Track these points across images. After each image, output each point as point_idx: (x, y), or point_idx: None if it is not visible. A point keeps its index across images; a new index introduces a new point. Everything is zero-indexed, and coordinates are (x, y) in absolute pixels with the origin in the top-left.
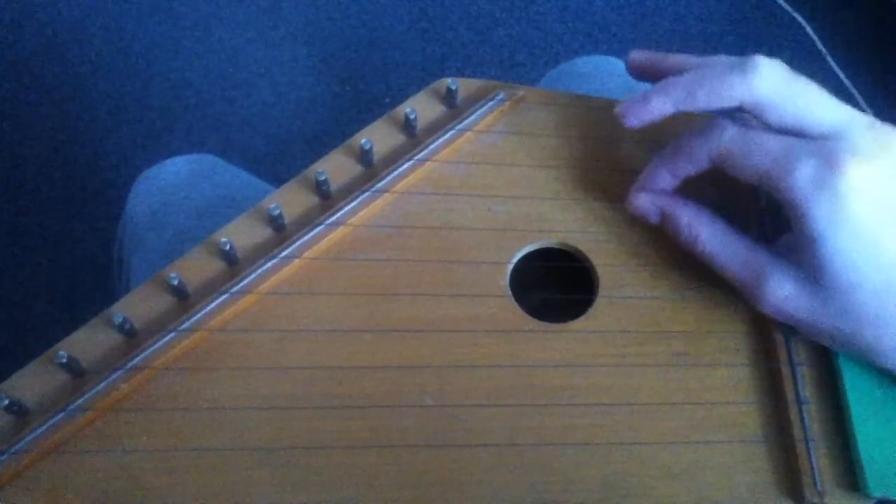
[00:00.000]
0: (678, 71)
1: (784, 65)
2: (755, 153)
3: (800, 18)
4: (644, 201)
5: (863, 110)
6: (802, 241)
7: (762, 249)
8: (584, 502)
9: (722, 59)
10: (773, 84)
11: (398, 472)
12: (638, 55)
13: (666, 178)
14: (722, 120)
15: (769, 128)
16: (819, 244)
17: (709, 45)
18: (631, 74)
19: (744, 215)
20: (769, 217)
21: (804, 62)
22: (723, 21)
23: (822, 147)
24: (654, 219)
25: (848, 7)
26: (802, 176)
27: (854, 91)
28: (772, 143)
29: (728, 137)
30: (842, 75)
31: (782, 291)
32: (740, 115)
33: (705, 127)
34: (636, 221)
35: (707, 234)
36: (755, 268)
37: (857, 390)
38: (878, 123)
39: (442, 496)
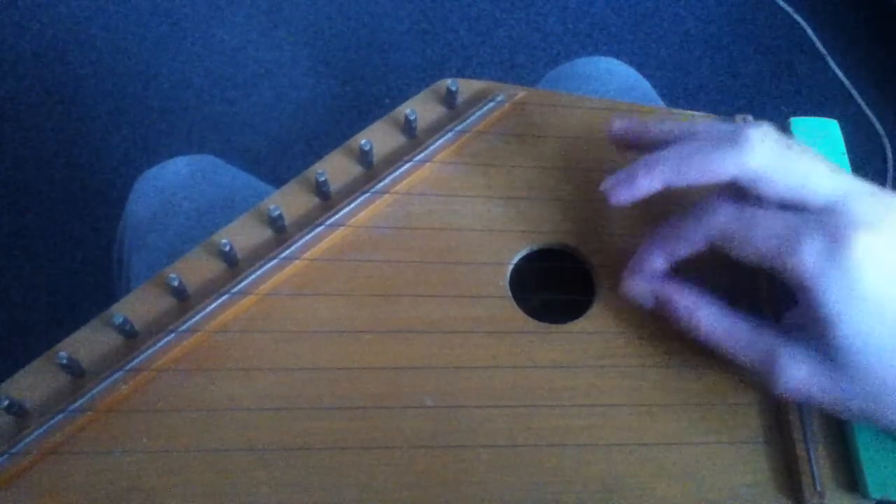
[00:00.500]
0: (662, 141)
1: (775, 133)
2: (755, 234)
3: (799, 19)
4: (637, 287)
5: (862, 112)
6: (815, 320)
7: (769, 330)
8: (584, 502)
9: (710, 129)
10: (765, 157)
11: (398, 472)
12: (618, 126)
13: (659, 261)
14: (717, 200)
15: (766, 202)
16: (834, 325)
17: (708, 45)
18: (612, 143)
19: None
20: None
21: (804, 63)
22: (722, 22)
23: (826, 222)
24: (648, 304)
25: (848, 8)
26: (809, 255)
27: (854, 92)
28: (772, 222)
29: (725, 219)
30: (842, 76)
31: (798, 374)
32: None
33: (699, 207)
34: (636, 223)
35: (708, 320)
36: (764, 351)
37: None
38: (877, 190)
39: (442, 497)
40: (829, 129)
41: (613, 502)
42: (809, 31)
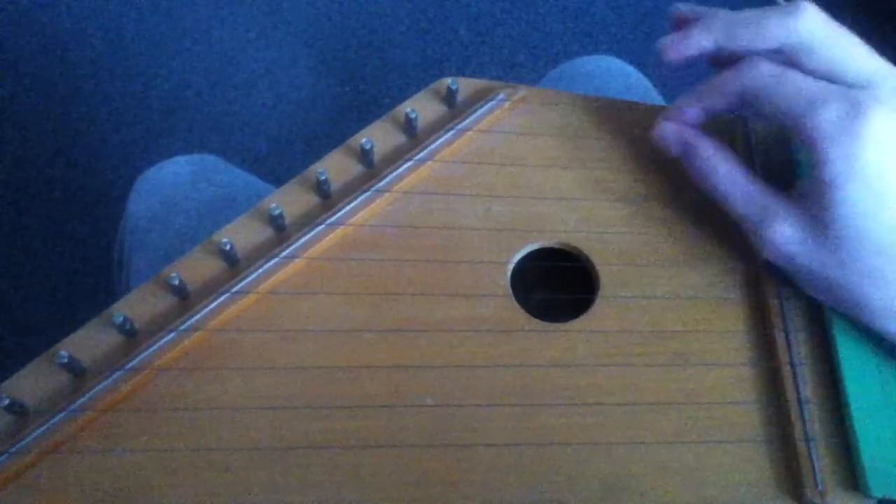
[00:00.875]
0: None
1: (826, 14)
2: (785, 92)
3: None
4: (669, 131)
5: None
6: (815, 185)
7: (774, 193)
8: (585, 502)
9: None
10: (813, 27)
11: (399, 472)
12: (682, 6)
13: (694, 112)
14: (757, 57)
15: (804, 70)
16: (831, 189)
17: None
18: (672, 27)
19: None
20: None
21: None
22: None
23: (851, 94)
24: (675, 148)
25: (844, 7)
26: (827, 118)
27: None
28: (803, 84)
29: (762, 73)
30: None
31: (787, 233)
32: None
33: (738, 64)
34: (637, 221)
35: (724, 171)
36: (763, 208)
37: (859, 390)
38: None
39: (442, 496)
40: None
41: (614, 501)
42: None
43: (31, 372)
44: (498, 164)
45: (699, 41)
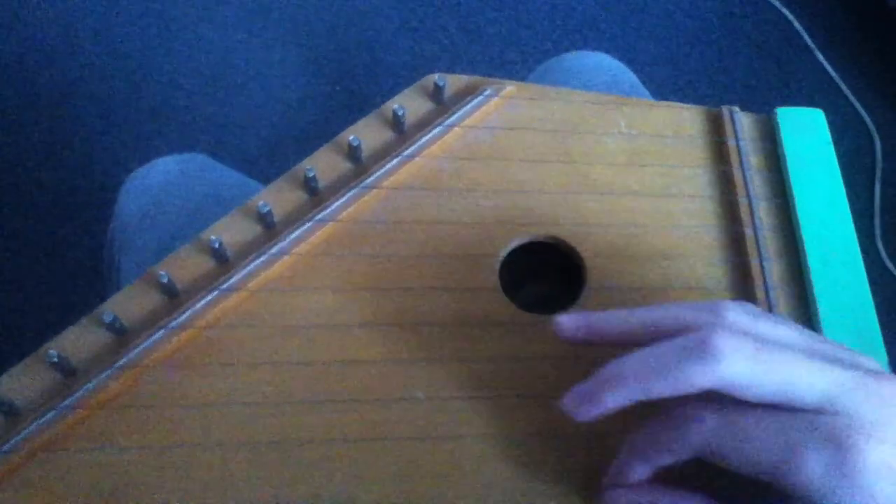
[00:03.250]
0: (622, 341)
1: (748, 319)
2: (748, 446)
3: (788, 14)
4: (620, 499)
5: (851, 105)
6: None
7: None
8: (575, 492)
9: (673, 320)
10: (739, 365)
11: (390, 465)
12: (567, 325)
13: (641, 471)
14: (697, 408)
15: (751, 406)
16: None
17: (697, 40)
18: (564, 341)
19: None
20: None
21: (792, 57)
22: (711, 17)
23: (826, 429)
24: None
25: (835, 2)
26: (815, 469)
27: (842, 85)
28: (765, 432)
29: (710, 430)
30: (830, 70)
31: None
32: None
33: (678, 415)
34: (624, 214)
35: None
36: None
37: None
38: (874, 380)
39: (434, 489)
40: (815, 118)
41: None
42: (797, 25)
43: (21, 371)
44: (486, 159)
45: (610, 403)
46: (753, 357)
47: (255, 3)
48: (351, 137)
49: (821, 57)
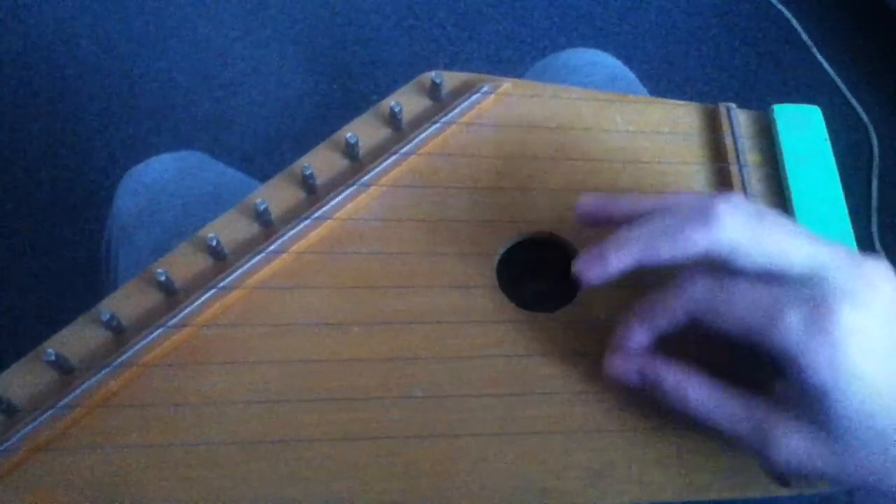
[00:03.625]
0: (632, 216)
1: (746, 203)
2: (735, 306)
3: (786, 11)
4: (620, 366)
5: (848, 102)
6: (805, 393)
7: (760, 403)
8: (574, 489)
9: (679, 202)
10: (737, 231)
11: (389, 463)
12: (586, 203)
13: (640, 337)
14: (693, 272)
15: (742, 273)
16: (823, 395)
17: (694, 37)
18: (581, 223)
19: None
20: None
21: (789, 54)
22: (709, 14)
23: (808, 293)
24: (633, 383)
25: (841, 7)
26: (792, 327)
27: (840, 83)
28: (751, 294)
29: (702, 291)
30: (827, 66)
31: (794, 449)
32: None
33: (676, 281)
34: None
35: (696, 396)
36: (758, 425)
37: None
38: (857, 257)
39: (432, 486)
40: (811, 115)
41: (602, 488)
42: (794, 22)
43: (18, 370)
44: (483, 156)
45: (618, 264)
46: (749, 225)
47: (251, 1)
48: (348, 135)
49: (818, 54)
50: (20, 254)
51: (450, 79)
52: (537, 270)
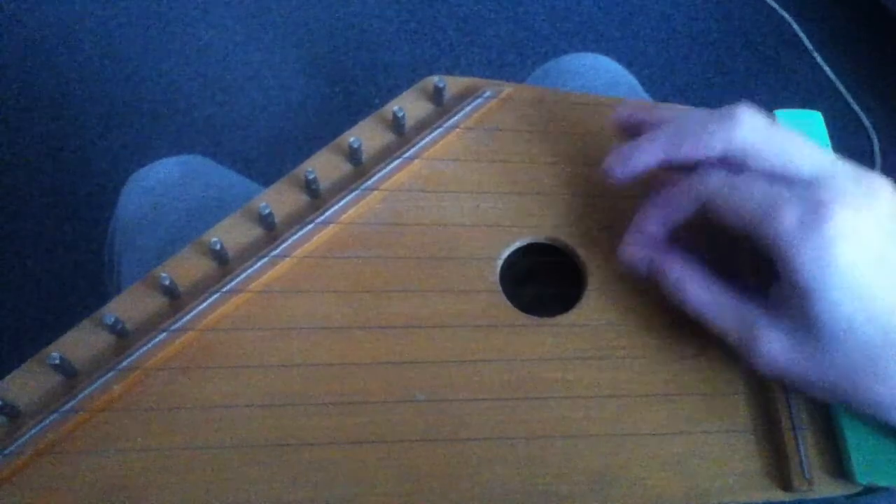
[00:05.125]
0: (661, 123)
1: (763, 114)
2: (740, 197)
3: (786, 15)
4: (633, 253)
5: (849, 106)
6: (791, 290)
7: (753, 304)
8: (576, 494)
9: (703, 110)
10: (753, 131)
11: (391, 467)
12: (623, 110)
13: (656, 225)
14: (708, 166)
15: (755, 173)
16: (810, 295)
17: (695, 42)
18: (617, 128)
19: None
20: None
21: (791, 59)
22: (709, 19)
23: (808, 193)
24: (642, 269)
25: (833, 3)
26: (788, 221)
27: (840, 86)
28: (756, 188)
29: (714, 181)
30: (828, 71)
31: (775, 345)
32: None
33: (689, 176)
34: (623, 216)
35: (694, 290)
36: (746, 323)
37: None
38: (862, 172)
39: (435, 490)
40: (813, 120)
41: (604, 493)
42: (795, 27)
43: (22, 374)
44: (485, 160)
45: (645, 159)
46: (765, 129)
47: (254, 5)
48: (351, 139)
49: (819, 58)
50: (23, 257)
51: (452, 83)
52: (540, 275)
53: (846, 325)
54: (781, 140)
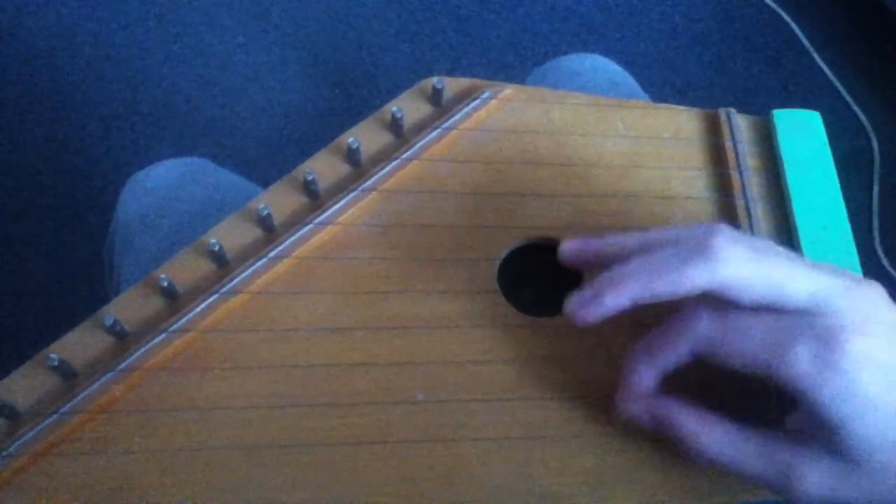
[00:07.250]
0: (622, 256)
1: (741, 235)
2: (741, 341)
3: (785, 16)
4: (629, 409)
5: (849, 107)
6: (820, 425)
7: (779, 441)
8: (574, 494)
9: (669, 237)
10: (736, 266)
11: (390, 467)
12: (570, 247)
13: (647, 378)
14: (695, 308)
15: (743, 307)
16: (842, 429)
17: (695, 43)
18: (568, 266)
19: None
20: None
21: (790, 59)
22: (709, 19)
23: (813, 325)
24: (648, 426)
25: (833, 4)
26: (802, 361)
27: (841, 88)
28: (756, 328)
29: (706, 328)
30: (828, 71)
31: (818, 483)
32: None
33: (678, 318)
34: (621, 216)
35: (715, 442)
36: (778, 465)
37: None
38: (854, 284)
39: (434, 491)
40: (811, 120)
41: (603, 492)
42: (795, 28)
43: (21, 375)
44: (484, 161)
45: (613, 303)
46: (748, 259)
47: (254, 6)
48: (350, 140)
49: (818, 59)
50: (23, 259)
51: (451, 84)
52: (538, 275)
53: (883, 445)
54: (769, 269)
